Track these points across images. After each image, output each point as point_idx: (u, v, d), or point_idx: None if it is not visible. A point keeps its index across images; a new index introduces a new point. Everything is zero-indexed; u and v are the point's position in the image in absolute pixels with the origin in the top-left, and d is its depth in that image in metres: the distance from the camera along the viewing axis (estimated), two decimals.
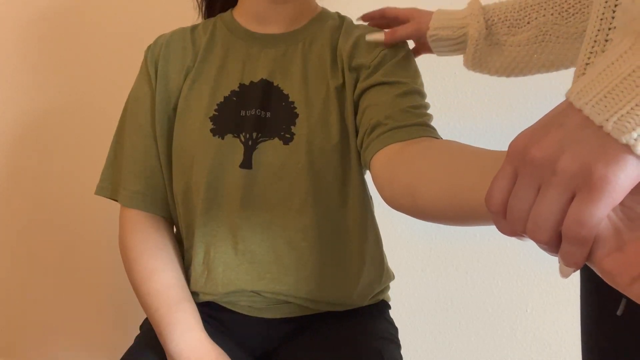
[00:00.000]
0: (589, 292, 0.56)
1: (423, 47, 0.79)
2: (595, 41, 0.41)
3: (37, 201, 1.26)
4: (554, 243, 0.31)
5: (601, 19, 0.40)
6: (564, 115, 0.31)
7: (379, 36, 0.74)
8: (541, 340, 1.14)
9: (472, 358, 1.17)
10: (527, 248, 1.11)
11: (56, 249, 1.28)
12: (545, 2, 0.67)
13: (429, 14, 0.75)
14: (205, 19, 0.86)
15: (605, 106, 0.29)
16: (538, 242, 0.32)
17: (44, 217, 1.27)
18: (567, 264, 0.31)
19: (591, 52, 0.41)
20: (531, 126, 0.33)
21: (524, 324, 1.14)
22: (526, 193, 0.32)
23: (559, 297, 1.12)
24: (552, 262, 1.10)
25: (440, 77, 1.09)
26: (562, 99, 0.33)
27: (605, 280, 0.31)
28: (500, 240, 1.12)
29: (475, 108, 1.09)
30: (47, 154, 1.24)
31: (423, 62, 0.78)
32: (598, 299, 0.53)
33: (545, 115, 0.32)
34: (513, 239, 0.35)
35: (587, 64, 0.42)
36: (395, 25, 0.76)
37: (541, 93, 1.06)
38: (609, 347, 0.52)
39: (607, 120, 0.29)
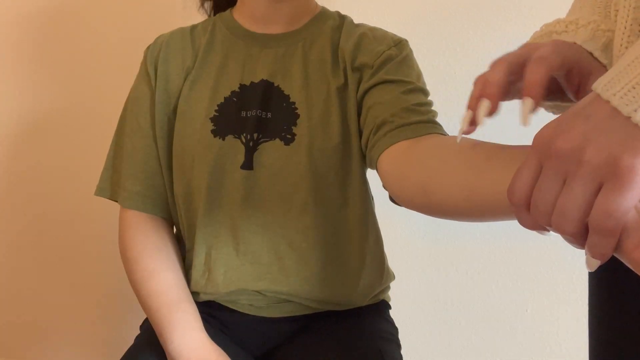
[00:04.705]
0: (598, 294, 0.55)
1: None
2: (631, 31, 0.41)
3: (37, 202, 1.26)
4: (580, 235, 0.31)
5: (634, 8, 0.40)
6: (591, 107, 0.31)
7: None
8: (541, 340, 1.14)
9: (472, 358, 1.17)
10: (527, 248, 1.11)
11: (56, 250, 1.28)
12: None
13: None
14: (210, 16, 0.86)
15: (634, 97, 0.29)
16: (564, 234, 0.32)
17: (43, 218, 1.27)
18: (594, 256, 0.31)
19: (628, 43, 0.41)
20: (557, 118, 0.32)
21: (524, 324, 1.14)
22: (551, 185, 0.31)
23: (559, 297, 1.12)
24: (552, 262, 1.10)
25: (441, 76, 1.09)
26: None
27: (635, 271, 0.31)
28: (500, 240, 1.12)
29: None
30: (47, 155, 1.24)
31: (423, 61, 0.78)
32: (608, 301, 0.53)
33: (571, 107, 0.32)
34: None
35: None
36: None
37: None
38: (618, 350, 0.52)
39: (635, 111, 0.28)
